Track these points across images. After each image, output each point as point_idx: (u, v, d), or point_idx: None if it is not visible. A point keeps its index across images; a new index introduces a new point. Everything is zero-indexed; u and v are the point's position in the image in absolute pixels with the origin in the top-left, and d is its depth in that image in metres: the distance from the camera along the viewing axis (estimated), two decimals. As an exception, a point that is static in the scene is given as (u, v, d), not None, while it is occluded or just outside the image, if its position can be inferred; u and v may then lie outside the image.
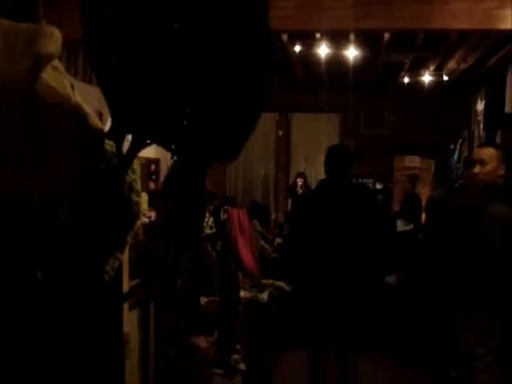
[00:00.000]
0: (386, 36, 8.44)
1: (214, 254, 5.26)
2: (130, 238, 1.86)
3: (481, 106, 10.46)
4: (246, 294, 6.02)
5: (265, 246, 7.70)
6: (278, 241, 8.69)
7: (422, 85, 10.80)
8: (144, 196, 4.12)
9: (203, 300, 4.98)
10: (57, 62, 1.49)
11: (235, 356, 5.14)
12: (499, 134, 9.34)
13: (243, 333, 5.48)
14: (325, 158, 4.76)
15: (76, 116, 1.46)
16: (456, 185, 9.10)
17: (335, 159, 4.70)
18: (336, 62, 9.52)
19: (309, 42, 8.70)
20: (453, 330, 5.20)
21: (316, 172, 12.21)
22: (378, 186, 12.33)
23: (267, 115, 11.42)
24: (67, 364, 1.77)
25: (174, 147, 1.64)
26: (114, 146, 1.68)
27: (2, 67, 1.35)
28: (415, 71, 10.55)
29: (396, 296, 6.70)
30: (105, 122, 2.06)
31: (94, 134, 1.53)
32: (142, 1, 1.52)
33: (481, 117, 10.41)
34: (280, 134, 12.51)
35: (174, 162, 6.94)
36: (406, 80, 10.88)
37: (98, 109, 3.26)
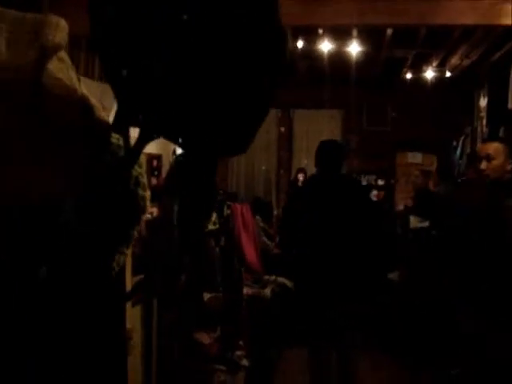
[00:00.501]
0: (389, 32, 8.41)
1: (217, 249, 5.25)
2: (135, 233, 1.83)
3: (484, 102, 10.43)
4: (248, 290, 6.00)
5: (267, 242, 7.69)
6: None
7: (424, 81, 10.77)
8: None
9: (206, 296, 4.97)
10: (63, 53, 1.46)
11: (238, 352, 5.13)
12: (502, 130, 9.32)
13: (246, 329, 5.47)
14: (315, 152, 4.76)
15: (82, 108, 1.44)
16: (458, 181, 9.09)
17: (326, 154, 4.71)
18: (338, 57, 9.49)
19: (311, 37, 8.67)
20: (453, 327, 5.19)
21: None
22: (380, 182, 12.32)
23: (269, 111, 11.39)
24: (70, 360, 1.75)
25: (181, 141, 1.61)
26: (120, 140, 1.66)
27: (7, 57, 1.32)
28: (418, 67, 10.53)
29: (398, 293, 6.69)
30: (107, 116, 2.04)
31: (101, 126, 1.51)
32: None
33: (484, 113, 10.38)
34: (282, 130, 12.49)
35: (176, 157, 6.92)
36: (409, 76, 10.85)
37: (100, 104, 3.24)
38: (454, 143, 11.35)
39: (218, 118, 1.52)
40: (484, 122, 10.30)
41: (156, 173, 8.44)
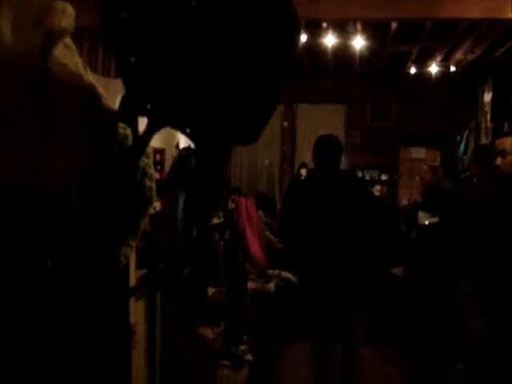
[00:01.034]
0: (394, 26, 8.38)
1: (221, 243, 5.22)
2: (142, 225, 1.80)
3: (488, 96, 10.39)
4: (252, 285, 5.98)
5: (270, 236, 7.66)
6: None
7: (428, 75, 10.73)
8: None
9: (210, 290, 4.94)
10: (69, 39, 1.43)
11: (242, 347, 5.11)
12: (506, 124, 9.30)
13: (250, 324, 5.45)
14: (313, 148, 4.74)
15: (89, 95, 1.41)
16: (462, 176, 9.05)
17: (323, 149, 4.69)
18: (342, 52, 9.46)
19: (315, 31, 8.63)
20: (456, 323, 5.17)
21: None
22: (384, 177, 12.30)
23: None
24: (74, 354, 1.73)
25: (189, 131, 1.58)
26: (127, 129, 1.63)
27: (12, 41, 1.29)
28: (422, 62, 10.49)
29: (401, 288, 6.66)
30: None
31: (107, 114, 1.48)
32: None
33: (488, 108, 10.36)
34: (285, 124, 12.45)
35: (179, 151, 6.87)
36: (413, 71, 10.82)
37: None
38: (458, 138, 11.32)
39: (227, 106, 1.49)
40: (488, 116, 10.27)
41: (159, 167, 8.42)
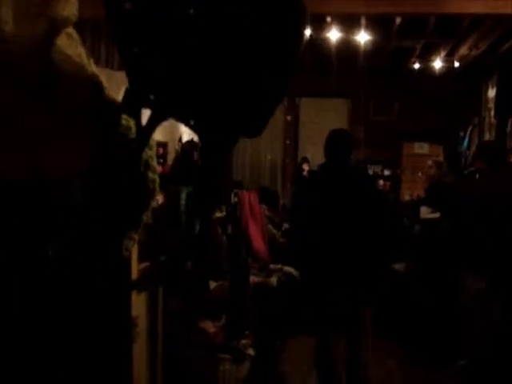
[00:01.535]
0: (398, 21, 8.35)
1: (224, 237, 5.21)
2: (145, 218, 1.79)
3: (492, 92, 10.36)
4: (254, 279, 5.96)
5: (273, 230, 7.65)
6: (286, 226, 8.64)
7: (432, 71, 10.70)
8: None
9: (212, 284, 4.93)
10: (72, 29, 1.42)
11: (244, 341, 5.10)
12: (510, 121, 9.28)
13: (252, 318, 5.44)
14: (325, 141, 4.75)
15: (92, 86, 1.40)
16: (465, 172, 9.03)
17: (336, 142, 4.70)
18: (346, 46, 9.43)
19: (319, 25, 8.60)
20: (458, 319, 5.17)
21: (324, 157, 12.13)
22: (386, 172, 12.28)
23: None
24: (75, 347, 1.73)
25: (192, 123, 1.57)
26: (130, 121, 1.61)
27: (14, 29, 1.27)
28: (426, 57, 10.46)
29: (404, 283, 6.66)
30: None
31: (110, 105, 1.47)
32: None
33: (492, 104, 10.33)
34: (288, 118, 12.43)
35: (182, 145, 6.86)
36: (417, 66, 10.78)
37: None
38: (462, 134, 11.30)
39: (231, 98, 1.47)
40: (492, 112, 10.24)
41: (162, 160, 8.43)
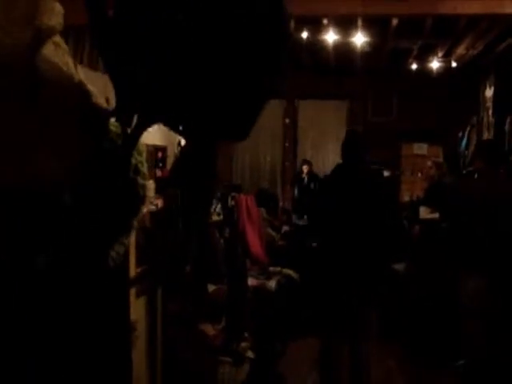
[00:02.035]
0: (394, 22, 8.35)
1: (221, 240, 5.23)
2: (135, 223, 1.80)
3: (490, 92, 10.37)
4: (253, 282, 5.98)
5: (272, 233, 7.66)
6: (286, 228, 8.65)
7: (430, 71, 10.71)
8: (151, 183, 4.08)
9: (211, 287, 4.95)
10: (59, 38, 1.44)
11: (243, 344, 5.10)
12: (508, 120, 9.28)
13: (251, 321, 5.45)
14: (343, 142, 4.76)
15: (79, 94, 1.41)
16: (464, 172, 9.04)
17: (353, 144, 4.72)
18: (344, 48, 9.44)
19: (316, 27, 8.61)
20: (457, 319, 5.17)
21: (323, 159, 12.16)
22: (385, 173, 12.27)
23: (274, 102, 11.32)
24: (75, 351, 1.74)
25: (181, 128, 1.59)
26: (119, 127, 1.63)
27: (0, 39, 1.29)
28: (423, 58, 10.46)
29: (404, 284, 6.67)
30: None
31: (98, 112, 1.48)
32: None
33: (490, 103, 10.33)
34: (287, 121, 12.43)
35: (181, 149, 6.87)
36: (414, 66, 10.79)
37: (104, 95, 3.23)
38: (460, 134, 11.30)
39: (216, 102, 1.49)
40: (490, 112, 10.25)
41: (161, 164, 8.44)
